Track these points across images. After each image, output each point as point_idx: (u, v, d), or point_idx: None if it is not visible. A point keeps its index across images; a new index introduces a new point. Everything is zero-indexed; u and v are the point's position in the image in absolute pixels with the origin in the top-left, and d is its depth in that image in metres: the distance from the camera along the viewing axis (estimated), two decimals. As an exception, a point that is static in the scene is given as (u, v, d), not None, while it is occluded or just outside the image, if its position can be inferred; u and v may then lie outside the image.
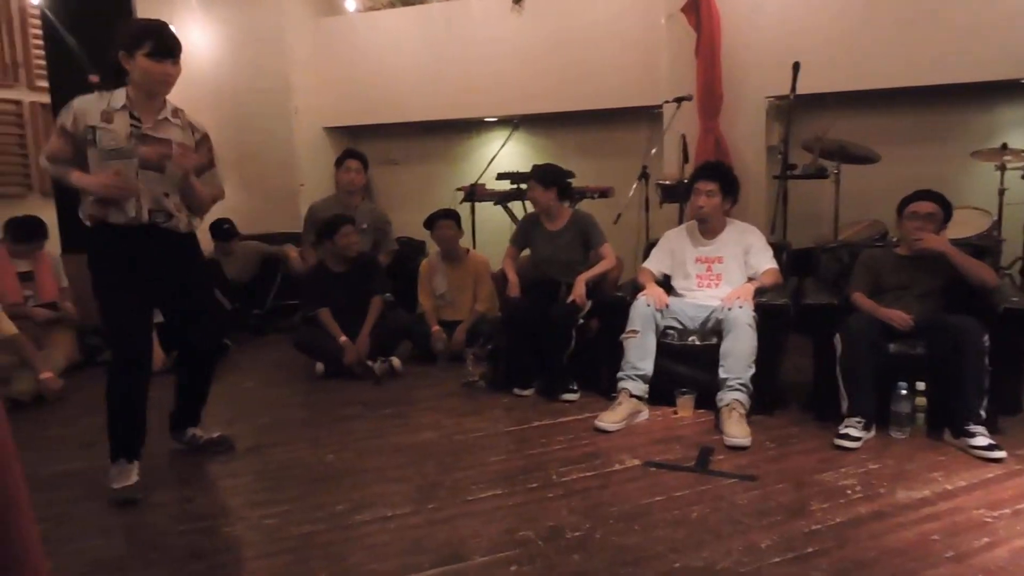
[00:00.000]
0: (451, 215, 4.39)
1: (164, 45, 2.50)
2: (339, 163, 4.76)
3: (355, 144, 6.75)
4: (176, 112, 2.68)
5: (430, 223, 4.40)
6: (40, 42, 5.25)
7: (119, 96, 2.53)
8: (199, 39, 6.36)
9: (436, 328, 4.30)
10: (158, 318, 4.34)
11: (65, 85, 4.93)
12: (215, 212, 5.63)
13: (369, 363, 4.04)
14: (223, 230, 5.27)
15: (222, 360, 4.54)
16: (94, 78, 4.86)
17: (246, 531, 2.31)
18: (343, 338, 4.08)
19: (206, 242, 5.31)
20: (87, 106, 2.51)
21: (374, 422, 3.36)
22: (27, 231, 4.28)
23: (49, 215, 4.92)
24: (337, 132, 6.68)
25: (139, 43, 2.45)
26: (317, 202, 4.88)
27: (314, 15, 6.45)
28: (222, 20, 6.31)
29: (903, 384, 2.90)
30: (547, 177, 3.87)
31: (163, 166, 2.56)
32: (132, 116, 2.52)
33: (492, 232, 5.29)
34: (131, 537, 2.30)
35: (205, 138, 2.80)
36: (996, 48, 4.50)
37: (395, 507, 2.42)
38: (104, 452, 2.58)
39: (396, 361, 4.10)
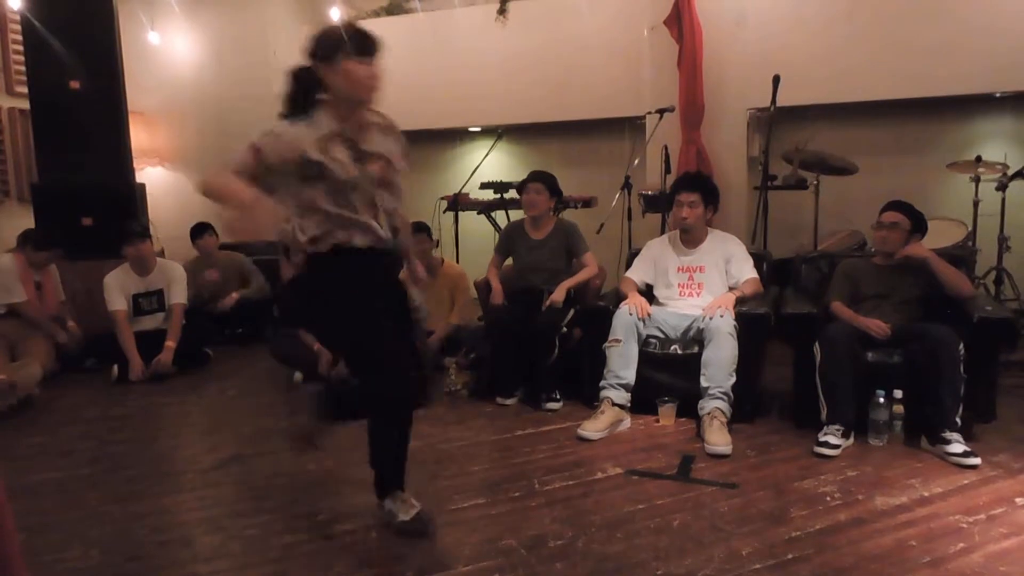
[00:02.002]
0: (423, 229, 4.30)
1: (366, 42, 2.19)
2: None
3: (339, 152, 6.75)
4: (376, 114, 2.33)
5: None
6: (20, 47, 5.21)
7: (322, 121, 2.19)
8: (182, 46, 6.35)
9: None
10: (140, 326, 4.40)
11: (46, 91, 4.92)
12: (194, 216, 5.66)
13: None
14: (198, 226, 5.24)
15: (204, 368, 4.56)
16: (75, 84, 4.87)
17: (227, 541, 2.29)
18: (317, 345, 4.06)
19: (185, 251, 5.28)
20: (300, 134, 2.15)
21: (357, 431, 3.32)
22: (49, 240, 4.41)
23: (27, 222, 4.89)
24: (321, 140, 6.67)
25: (339, 47, 2.16)
26: None
27: (299, 24, 6.45)
28: (206, 27, 6.29)
29: (881, 392, 2.94)
30: (554, 185, 3.90)
31: (391, 181, 2.31)
32: (344, 139, 2.21)
33: (475, 241, 5.31)
34: (109, 548, 2.27)
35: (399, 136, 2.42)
36: (971, 62, 4.61)
37: (378, 516, 2.41)
38: (82, 460, 2.54)
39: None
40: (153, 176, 6.49)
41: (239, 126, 6.39)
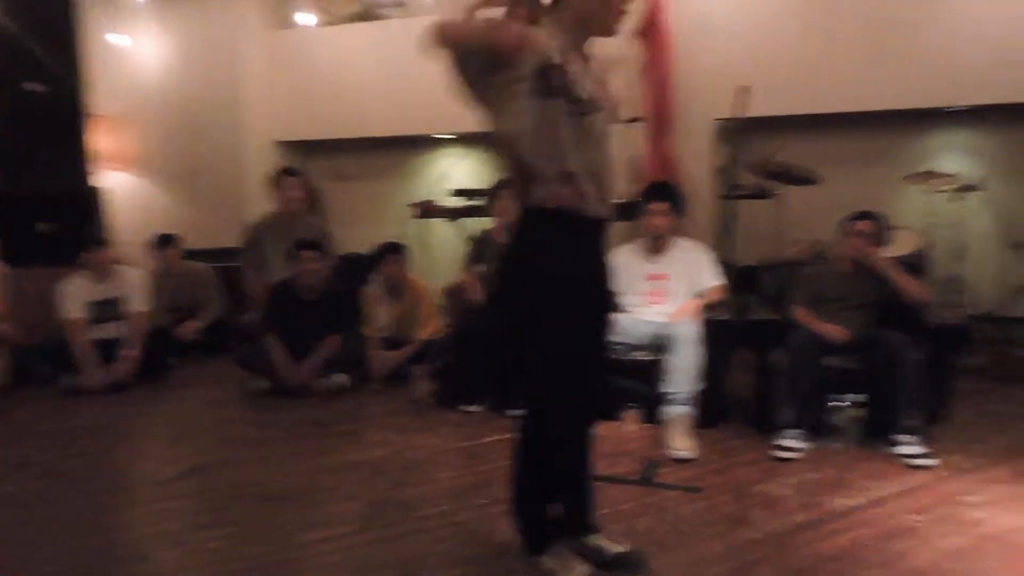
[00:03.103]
0: (398, 249, 4.29)
1: None
2: (276, 182, 4.65)
3: (307, 159, 6.71)
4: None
5: (377, 257, 4.26)
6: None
7: (554, 31, 1.81)
8: (149, 48, 6.26)
9: (374, 352, 4.18)
10: (98, 335, 4.31)
11: (2, 94, 4.81)
12: (158, 223, 5.57)
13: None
14: (161, 237, 5.13)
15: (165, 378, 4.48)
16: (35, 87, 4.76)
17: (188, 555, 2.24)
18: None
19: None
20: (546, 40, 1.76)
21: (324, 440, 3.32)
22: None
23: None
24: (289, 146, 6.62)
25: None
26: (257, 220, 4.77)
27: (268, 28, 6.40)
28: (173, 30, 6.22)
29: (840, 396, 3.01)
30: None
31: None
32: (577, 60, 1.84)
33: (445, 248, 5.31)
34: (66, 564, 2.21)
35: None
36: (926, 78, 4.78)
37: (345, 525, 2.39)
38: (35, 474, 2.46)
39: (343, 377, 4.06)
40: (118, 181, 6.38)
41: (205, 130, 6.38)
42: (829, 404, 3.03)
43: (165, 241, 5.12)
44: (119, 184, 6.36)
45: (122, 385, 4.18)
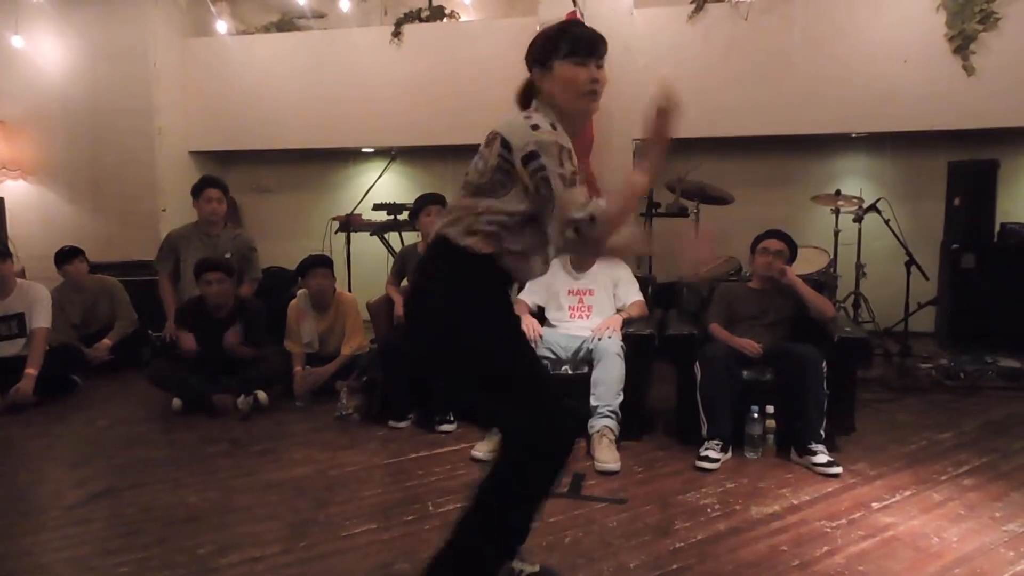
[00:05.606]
0: (326, 263, 4.19)
1: (584, 40, 1.91)
2: (197, 193, 4.46)
3: (224, 170, 6.51)
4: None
5: (303, 270, 4.17)
6: None
7: (560, 129, 1.92)
8: (51, 52, 5.94)
9: (298, 369, 4.08)
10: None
11: None
12: (61, 234, 5.27)
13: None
14: (67, 251, 4.85)
15: (71, 397, 4.23)
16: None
17: (96, 582, 2.13)
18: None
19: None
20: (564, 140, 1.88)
21: (242, 459, 3.21)
22: None
23: None
24: (204, 156, 6.41)
25: (554, 49, 1.91)
26: (176, 229, 4.62)
27: (181, 35, 6.19)
28: (79, 34, 5.92)
29: (755, 408, 3.13)
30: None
31: None
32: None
33: (367, 262, 5.25)
34: (-42, 596, 2.07)
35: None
36: (832, 106, 5.12)
37: (265, 547, 2.32)
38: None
39: (262, 395, 3.93)
40: (14, 190, 6.01)
41: (114, 138, 6.10)
42: (746, 415, 3.14)
43: (71, 254, 4.82)
44: (16, 193, 6.00)
45: (23, 405, 3.92)
